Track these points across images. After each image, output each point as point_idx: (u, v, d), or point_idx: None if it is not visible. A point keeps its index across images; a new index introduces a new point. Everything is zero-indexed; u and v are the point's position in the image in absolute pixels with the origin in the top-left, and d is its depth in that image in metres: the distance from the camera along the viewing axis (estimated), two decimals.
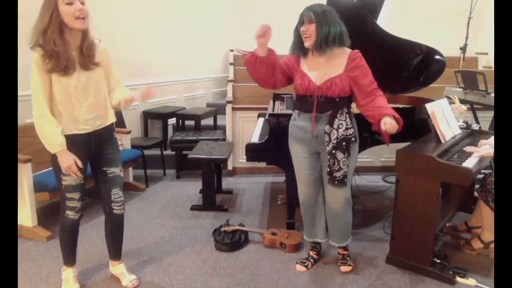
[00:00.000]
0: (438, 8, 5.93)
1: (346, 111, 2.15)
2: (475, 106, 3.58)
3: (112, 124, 2.10)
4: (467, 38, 5.00)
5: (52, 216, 3.15)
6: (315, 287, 2.26)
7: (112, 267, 2.32)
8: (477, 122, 3.50)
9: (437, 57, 2.79)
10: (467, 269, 2.35)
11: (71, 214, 2.05)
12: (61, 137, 1.86)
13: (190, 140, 4.07)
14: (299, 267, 2.44)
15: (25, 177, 2.71)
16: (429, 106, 2.45)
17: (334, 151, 2.13)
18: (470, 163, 2.18)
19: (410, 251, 2.37)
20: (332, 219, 2.36)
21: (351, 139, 2.15)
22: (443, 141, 2.43)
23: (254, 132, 3.13)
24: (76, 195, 2.01)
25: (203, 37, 5.84)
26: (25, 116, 3.07)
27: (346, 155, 2.14)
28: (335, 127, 2.13)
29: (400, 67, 2.86)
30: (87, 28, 1.87)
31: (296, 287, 2.26)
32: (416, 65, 2.85)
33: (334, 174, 2.17)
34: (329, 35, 2.05)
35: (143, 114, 4.69)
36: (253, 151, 2.78)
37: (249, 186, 3.96)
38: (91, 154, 2.03)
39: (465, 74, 3.45)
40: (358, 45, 2.19)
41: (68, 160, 1.89)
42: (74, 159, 1.90)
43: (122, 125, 3.94)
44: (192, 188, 3.87)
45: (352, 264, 2.43)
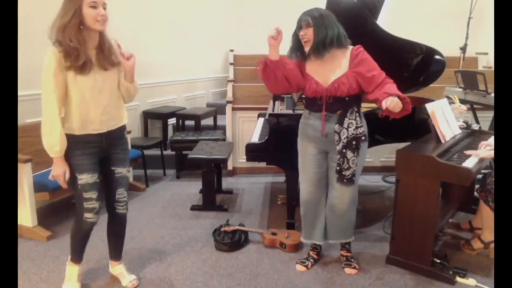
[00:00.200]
0: (438, 8, 5.94)
1: (356, 110, 2.16)
2: (475, 106, 3.58)
3: (125, 125, 2.10)
4: (467, 38, 5.00)
5: (52, 216, 3.16)
6: (315, 287, 2.26)
7: (112, 267, 2.32)
8: (477, 122, 3.50)
9: (437, 57, 2.79)
10: (467, 269, 2.35)
11: (90, 217, 1.98)
12: (61, 145, 1.85)
13: (190, 140, 4.07)
14: (299, 267, 2.44)
15: (25, 177, 2.71)
16: (429, 106, 2.46)
17: (344, 150, 2.14)
18: (470, 163, 2.18)
19: (410, 251, 2.37)
20: (336, 219, 2.35)
21: (361, 138, 2.16)
22: (443, 141, 2.43)
23: (254, 132, 3.14)
24: (94, 195, 1.96)
25: (203, 37, 5.84)
26: (25, 116, 3.08)
27: (356, 154, 2.15)
28: (345, 126, 2.13)
29: (400, 67, 2.86)
30: (105, 30, 1.89)
31: (296, 287, 2.26)
32: (416, 65, 2.85)
33: (344, 173, 2.17)
34: (326, 38, 2.05)
35: (143, 114, 4.69)
36: (253, 151, 2.78)
37: (249, 186, 3.96)
38: (102, 152, 2.02)
39: (465, 74, 3.45)
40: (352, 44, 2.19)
41: (59, 169, 1.89)
42: (65, 171, 1.89)
43: None
44: (192, 188, 3.87)
45: (357, 267, 2.42)
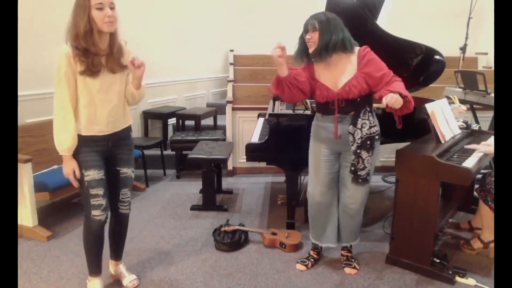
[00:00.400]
0: (438, 8, 5.94)
1: (369, 110, 2.16)
2: (475, 106, 3.58)
3: (130, 126, 2.11)
4: (467, 38, 5.00)
5: (52, 216, 3.16)
6: (315, 287, 2.26)
7: (112, 267, 2.32)
8: (477, 122, 3.50)
9: (437, 57, 2.79)
10: (467, 269, 2.36)
11: (97, 214, 1.96)
12: (71, 143, 1.87)
13: (190, 140, 4.07)
14: (299, 266, 2.44)
15: (25, 177, 2.71)
16: (429, 106, 2.46)
17: (359, 151, 2.15)
18: (470, 163, 2.19)
19: (410, 251, 2.37)
20: (349, 220, 2.36)
21: (375, 137, 2.17)
22: (443, 141, 2.43)
23: (254, 132, 3.14)
24: (100, 191, 1.96)
25: (203, 37, 5.84)
26: (25, 116, 3.08)
27: (370, 154, 2.16)
28: (359, 127, 2.14)
29: (400, 67, 2.84)
30: (116, 31, 1.90)
31: (296, 287, 2.26)
32: (416, 65, 2.85)
33: (359, 173, 2.18)
34: (330, 42, 2.06)
35: (143, 114, 4.69)
36: (253, 151, 2.78)
37: (249, 186, 3.96)
38: (108, 150, 2.02)
39: (465, 74, 3.45)
40: (358, 45, 2.19)
41: (68, 168, 1.91)
42: (74, 169, 1.91)
43: None
44: (192, 188, 3.87)
45: (358, 267, 2.42)
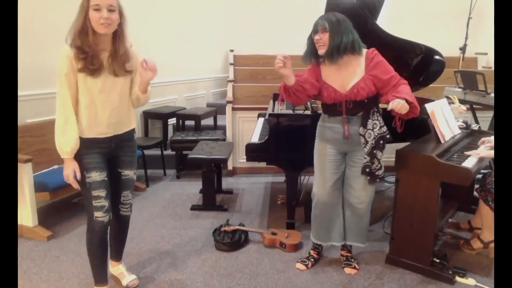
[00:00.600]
0: (438, 8, 5.94)
1: (376, 110, 2.18)
2: (475, 106, 3.58)
3: (133, 129, 2.09)
4: (467, 38, 5.00)
5: (53, 216, 3.16)
6: (315, 287, 2.26)
7: (112, 268, 2.32)
8: (477, 122, 3.50)
9: (437, 57, 2.79)
10: (467, 269, 2.36)
11: (100, 216, 1.93)
12: (73, 146, 1.86)
13: (190, 140, 4.07)
14: (300, 266, 2.44)
15: (26, 177, 2.71)
16: (429, 106, 2.46)
17: (375, 151, 2.16)
18: (470, 163, 2.19)
19: (410, 251, 2.37)
20: (356, 219, 2.35)
21: (386, 136, 2.18)
22: (443, 141, 2.43)
23: (254, 132, 3.14)
24: (102, 193, 1.94)
25: (204, 38, 5.84)
26: (25, 116, 3.08)
27: (383, 152, 2.19)
28: (370, 128, 2.15)
29: (400, 67, 2.83)
30: (121, 34, 1.88)
31: (296, 287, 2.26)
32: (416, 65, 2.86)
33: (376, 173, 2.19)
34: (341, 44, 2.06)
35: (143, 114, 4.69)
36: (253, 151, 2.78)
37: (249, 186, 3.96)
38: (110, 152, 2.01)
39: (465, 74, 3.45)
40: (366, 47, 2.19)
41: (68, 169, 1.89)
42: (74, 170, 1.89)
43: None
44: (192, 188, 3.87)
45: (358, 267, 2.43)
